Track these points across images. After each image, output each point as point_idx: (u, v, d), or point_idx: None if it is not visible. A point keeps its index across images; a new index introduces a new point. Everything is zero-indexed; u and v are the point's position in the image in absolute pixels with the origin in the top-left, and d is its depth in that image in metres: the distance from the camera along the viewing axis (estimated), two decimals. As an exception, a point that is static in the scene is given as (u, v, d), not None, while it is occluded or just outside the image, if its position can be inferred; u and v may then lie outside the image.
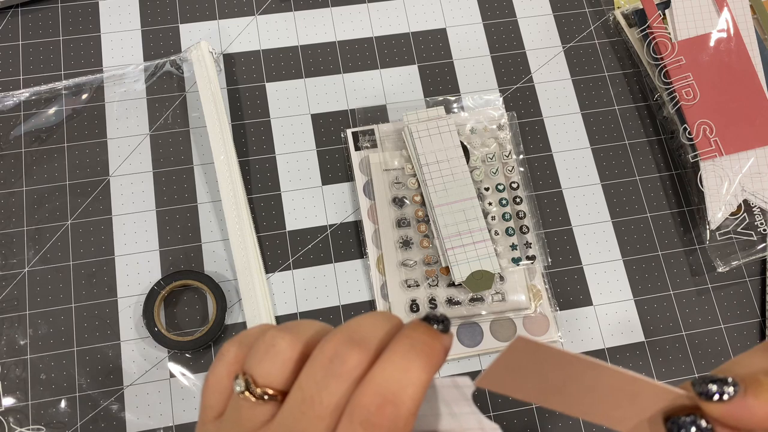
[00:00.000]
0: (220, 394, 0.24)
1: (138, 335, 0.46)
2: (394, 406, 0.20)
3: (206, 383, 0.25)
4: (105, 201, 0.49)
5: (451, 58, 0.55)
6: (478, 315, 0.47)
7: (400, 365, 0.21)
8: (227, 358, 0.24)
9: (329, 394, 0.21)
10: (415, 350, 0.21)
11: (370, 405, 0.20)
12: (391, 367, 0.21)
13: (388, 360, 0.21)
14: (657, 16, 0.53)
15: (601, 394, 0.23)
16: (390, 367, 0.21)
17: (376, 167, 0.50)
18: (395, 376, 0.20)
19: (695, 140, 0.51)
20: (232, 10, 0.55)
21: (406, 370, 0.20)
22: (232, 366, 0.24)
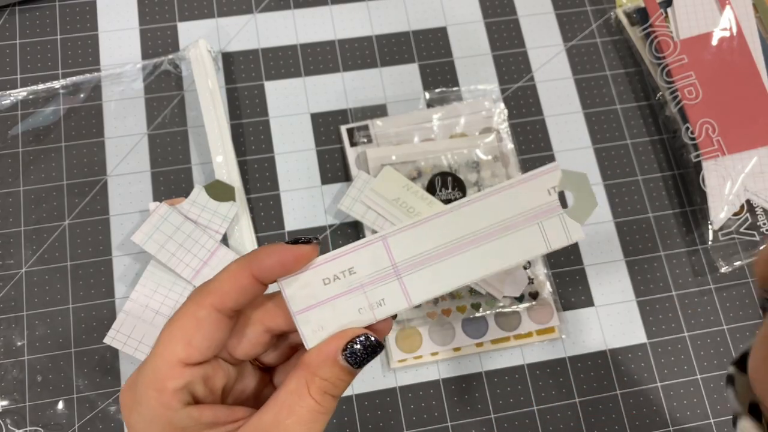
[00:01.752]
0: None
1: (136, 336, 0.46)
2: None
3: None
4: (103, 201, 0.49)
5: (452, 56, 0.54)
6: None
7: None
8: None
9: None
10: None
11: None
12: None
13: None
14: (659, 15, 0.53)
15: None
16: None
17: (373, 162, 0.49)
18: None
19: (697, 140, 0.50)
20: (230, 9, 0.54)
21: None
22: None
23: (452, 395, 0.47)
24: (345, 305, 0.26)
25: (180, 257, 0.45)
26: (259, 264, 0.25)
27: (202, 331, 0.24)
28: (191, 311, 0.25)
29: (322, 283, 0.26)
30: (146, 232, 0.45)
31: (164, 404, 0.23)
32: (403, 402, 0.46)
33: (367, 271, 0.26)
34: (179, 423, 0.23)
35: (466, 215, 0.26)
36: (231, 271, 0.25)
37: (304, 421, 0.24)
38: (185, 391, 0.24)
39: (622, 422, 0.47)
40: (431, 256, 0.26)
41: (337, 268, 0.26)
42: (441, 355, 0.47)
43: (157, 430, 0.23)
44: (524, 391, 0.47)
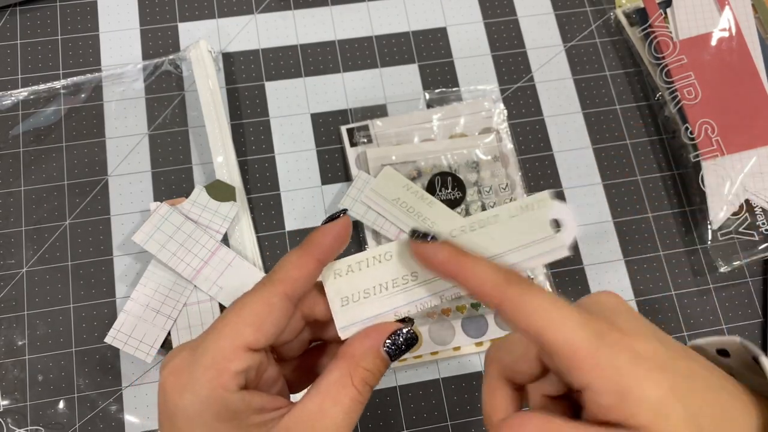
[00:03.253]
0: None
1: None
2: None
3: None
4: (103, 201, 0.49)
5: (452, 57, 0.55)
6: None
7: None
8: None
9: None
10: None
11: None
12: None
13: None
14: (658, 15, 0.53)
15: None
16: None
17: (373, 162, 0.49)
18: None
19: (697, 140, 0.50)
20: (231, 9, 0.54)
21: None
22: None
23: (452, 395, 0.47)
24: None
25: (181, 257, 0.45)
26: (319, 246, 0.26)
27: (272, 317, 0.25)
28: (264, 298, 0.25)
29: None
30: (147, 232, 0.45)
31: (223, 385, 0.24)
32: (402, 401, 0.46)
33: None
34: (233, 405, 0.24)
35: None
36: (294, 260, 0.26)
37: (346, 409, 0.25)
38: (243, 375, 0.24)
39: (622, 421, 0.47)
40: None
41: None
42: (441, 355, 0.47)
43: (212, 411, 0.24)
44: (524, 391, 0.47)
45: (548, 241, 0.28)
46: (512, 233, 0.28)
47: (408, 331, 0.27)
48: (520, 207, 0.28)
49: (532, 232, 0.28)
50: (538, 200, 0.28)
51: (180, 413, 0.24)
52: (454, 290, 0.28)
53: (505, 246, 0.28)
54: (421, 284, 0.28)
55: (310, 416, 0.24)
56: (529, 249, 0.28)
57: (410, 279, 0.28)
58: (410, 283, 0.28)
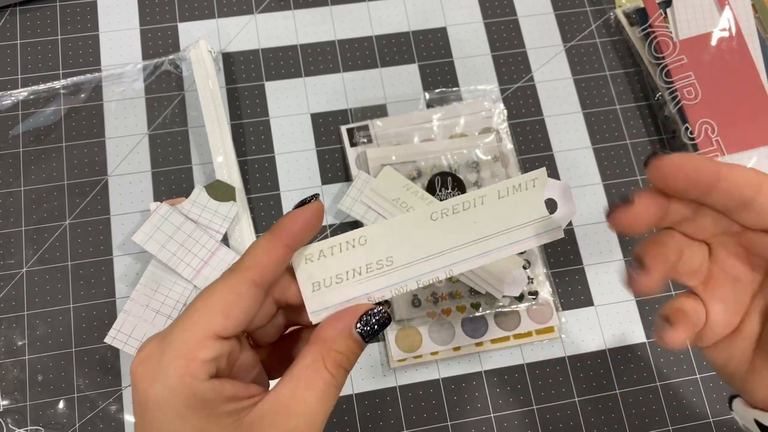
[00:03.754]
0: None
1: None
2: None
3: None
4: (103, 201, 0.49)
5: (452, 57, 0.55)
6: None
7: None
8: None
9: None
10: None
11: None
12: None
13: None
14: (658, 15, 0.53)
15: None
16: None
17: (373, 162, 0.49)
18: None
19: (697, 140, 0.50)
20: (231, 9, 0.54)
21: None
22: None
23: (452, 395, 0.47)
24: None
25: (181, 257, 0.45)
26: (288, 232, 0.26)
27: (241, 305, 0.25)
28: (231, 285, 0.25)
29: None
30: (147, 232, 0.45)
31: (192, 374, 0.23)
32: (402, 401, 0.46)
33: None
34: (203, 394, 0.23)
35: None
36: (263, 246, 0.26)
37: (320, 394, 0.25)
38: (213, 364, 0.24)
39: (622, 422, 0.47)
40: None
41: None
42: (441, 355, 0.47)
43: (181, 400, 0.23)
44: (524, 391, 0.47)
45: (542, 222, 0.27)
46: (499, 215, 0.27)
47: (380, 311, 0.26)
48: (511, 186, 0.27)
49: (523, 212, 0.27)
50: (533, 178, 0.27)
51: (151, 402, 0.24)
52: (430, 275, 0.27)
53: (489, 229, 0.27)
54: (397, 269, 0.27)
55: (283, 403, 0.24)
56: (519, 231, 0.27)
57: (385, 264, 0.27)
58: (385, 267, 0.27)
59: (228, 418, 0.24)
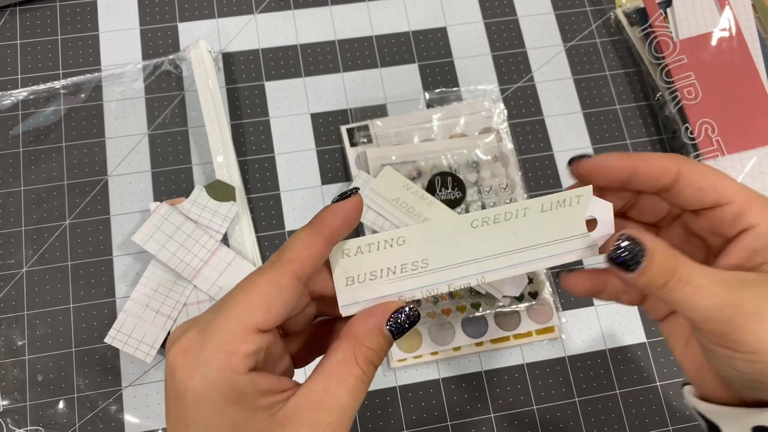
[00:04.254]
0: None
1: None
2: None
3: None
4: (103, 201, 0.49)
5: (452, 56, 0.55)
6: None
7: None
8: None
9: None
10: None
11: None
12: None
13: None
14: (658, 15, 0.53)
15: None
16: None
17: (373, 162, 0.49)
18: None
19: (697, 140, 0.50)
20: (231, 9, 0.54)
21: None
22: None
23: (452, 395, 0.47)
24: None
25: (181, 257, 0.45)
26: (329, 226, 0.26)
27: (282, 298, 0.25)
28: (273, 278, 0.25)
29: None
30: (147, 232, 0.45)
31: (232, 367, 0.23)
32: (403, 401, 0.46)
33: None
34: (241, 387, 0.24)
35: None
36: (304, 240, 0.26)
37: (351, 389, 0.25)
38: (253, 358, 0.24)
39: (622, 421, 0.47)
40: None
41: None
42: (441, 355, 0.47)
43: (219, 393, 0.23)
44: (524, 391, 0.47)
45: (579, 239, 0.27)
46: (541, 228, 0.27)
47: (411, 309, 0.27)
48: (556, 201, 0.27)
49: (563, 228, 0.27)
50: (578, 195, 0.27)
51: (189, 394, 0.24)
52: (462, 280, 0.27)
53: (528, 241, 0.27)
54: (431, 272, 0.27)
55: (316, 397, 0.24)
56: (556, 246, 0.27)
57: (420, 265, 0.28)
58: (419, 269, 0.28)
59: (263, 412, 0.24)
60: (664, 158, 0.27)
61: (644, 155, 0.27)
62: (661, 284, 0.25)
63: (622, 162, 0.27)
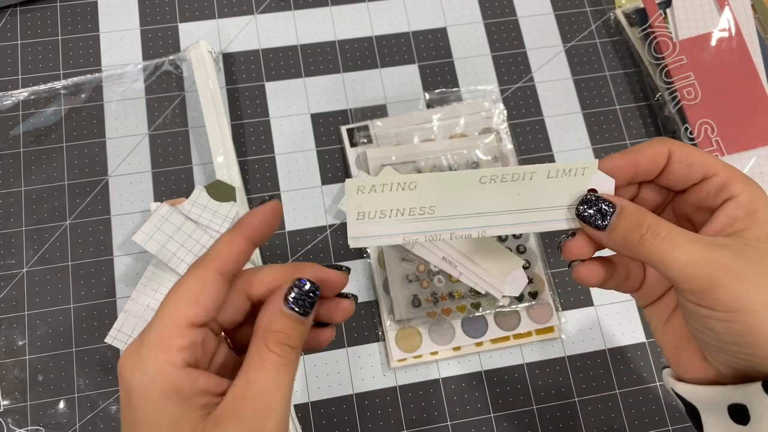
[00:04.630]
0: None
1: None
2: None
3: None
4: (104, 201, 0.49)
5: (452, 57, 0.55)
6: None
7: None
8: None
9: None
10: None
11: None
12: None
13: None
14: (658, 16, 0.53)
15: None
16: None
17: (373, 162, 0.49)
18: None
19: (697, 140, 0.51)
20: (231, 9, 0.54)
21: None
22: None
23: (452, 395, 0.47)
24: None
25: (181, 257, 0.45)
26: (248, 226, 0.28)
27: (208, 292, 0.26)
28: (197, 275, 0.27)
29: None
30: (147, 232, 0.45)
31: (169, 361, 0.25)
32: (402, 401, 0.46)
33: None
34: (179, 382, 0.25)
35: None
36: (226, 239, 0.28)
37: (270, 375, 0.26)
38: (189, 351, 0.25)
39: (621, 421, 0.47)
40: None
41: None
42: (441, 355, 0.47)
43: (159, 388, 0.24)
44: (524, 391, 0.47)
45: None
46: (544, 193, 0.28)
47: (299, 282, 0.27)
48: (562, 170, 0.28)
49: (565, 196, 0.28)
50: (584, 166, 0.28)
51: (133, 392, 0.25)
52: (464, 231, 0.29)
53: (530, 203, 0.28)
54: (436, 219, 0.29)
55: (239, 390, 0.25)
56: (556, 212, 0.28)
57: (427, 211, 0.29)
58: (426, 215, 0.29)
59: (199, 410, 0.25)
60: (654, 143, 0.28)
61: (637, 147, 0.29)
62: (636, 239, 0.26)
63: (623, 160, 0.28)
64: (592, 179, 0.28)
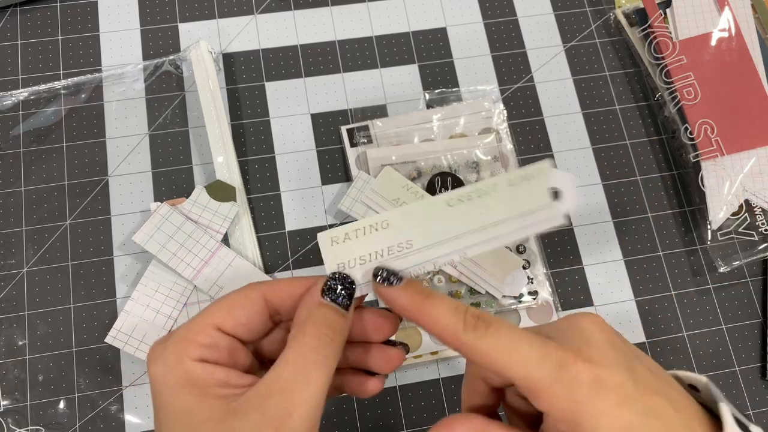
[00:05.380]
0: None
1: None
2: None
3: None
4: (104, 201, 0.49)
5: (452, 57, 0.55)
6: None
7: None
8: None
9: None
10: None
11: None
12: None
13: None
14: (658, 16, 0.53)
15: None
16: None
17: (373, 162, 0.49)
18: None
19: (696, 140, 0.51)
20: (231, 9, 0.54)
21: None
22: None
23: (452, 395, 0.47)
24: (371, 245, 0.29)
25: (181, 257, 0.45)
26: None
27: (245, 308, 0.27)
28: (244, 291, 0.28)
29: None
30: (147, 232, 0.45)
31: (186, 353, 0.26)
32: (403, 401, 0.46)
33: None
34: (194, 373, 0.25)
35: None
36: (292, 279, 0.29)
37: (301, 368, 0.25)
38: (209, 350, 0.26)
39: (621, 421, 0.47)
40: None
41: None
42: (441, 355, 0.47)
43: (174, 378, 0.25)
44: (524, 391, 0.47)
45: (545, 209, 0.28)
46: (509, 202, 0.28)
47: (338, 275, 0.28)
48: (520, 176, 0.28)
49: (529, 200, 0.28)
50: (538, 169, 0.28)
51: (154, 380, 0.26)
52: (446, 257, 0.29)
53: (500, 215, 0.28)
54: (416, 252, 0.29)
55: (266, 384, 0.25)
56: (525, 218, 0.28)
57: (405, 246, 0.29)
58: (405, 250, 0.29)
59: (217, 400, 0.25)
60: (449, 318, 0.26)
61: (435, 304, 0.27)
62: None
63: (409, 307, 0.27)
64: (549, 178, 0.28)
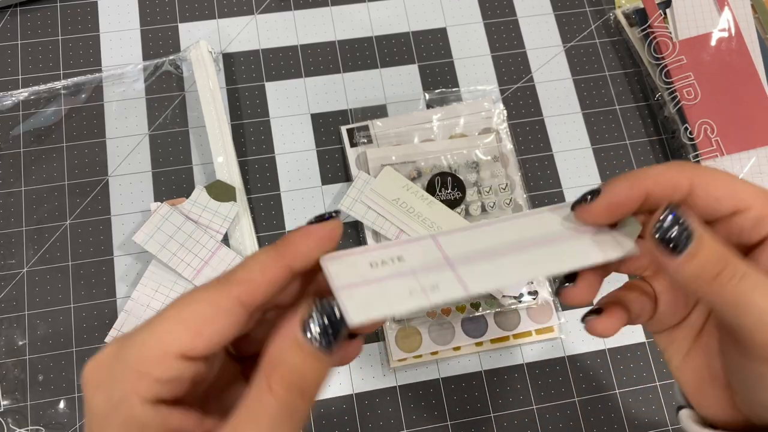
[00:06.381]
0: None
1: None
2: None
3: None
4: (104, 201, 0.49)
5: (452, 57, 0.55)
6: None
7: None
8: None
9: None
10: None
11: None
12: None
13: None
14: (658, 16, 0.53)
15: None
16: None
17: (373, 162, 0.49)
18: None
19: (696, 140, 0.51)
20: (231, 10, 0.54)
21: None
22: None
23: (452, 394, 0.47)
24: (395, 286, 0.22)
25: (181, 257, 0.45)
26: (296, 252, 0.22)
27: (219, 325, 0.21)
28: (213, 298, 0.21)
29: (369, 266, 0.23)
30: (147, 232, 0.45)
31: (138, 392, 0.20)
32: (402, 401, 0.46)
33: (418, 260, 0.23)
34: (143, 419, 0.20)
35: (516, 226, 0.26)
36: (262, 261, 0.21)
37: (265, 427, 0.20)
38: (168, 386, 0.20)
39: (621, 421, 0.47)
40: (485, 254, 0.24)
41: (384, 255, 0.23)
42: (441, 355, 0.47)
43: (118, 420, 0.20)
44: (523, 391, 0.47)
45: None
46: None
47: (323, 303, 0.21)
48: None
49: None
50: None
51: (92, 411, 0.21)
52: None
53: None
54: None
55: None
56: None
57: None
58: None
59: None
60: (672, 171, 0.24)
61: (651, 172, 0.24)
62: (712, 275, 0.22)
63: (631, 190, 0.24)
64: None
